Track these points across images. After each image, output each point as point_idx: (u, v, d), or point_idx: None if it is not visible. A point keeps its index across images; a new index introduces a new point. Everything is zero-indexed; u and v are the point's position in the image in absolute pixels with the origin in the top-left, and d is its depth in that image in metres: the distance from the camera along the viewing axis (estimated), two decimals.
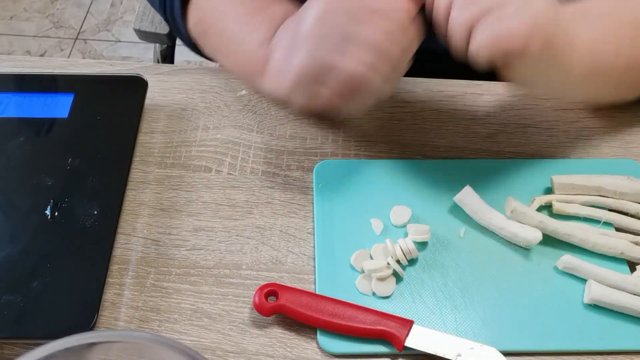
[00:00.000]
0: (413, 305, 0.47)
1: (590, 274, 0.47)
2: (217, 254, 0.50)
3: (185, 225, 0.51)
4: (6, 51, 1.82)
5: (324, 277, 0.48)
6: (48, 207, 0.50)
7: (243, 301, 0.47)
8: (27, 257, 0.47)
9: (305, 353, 0.45)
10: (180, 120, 0.58)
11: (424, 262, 0.49)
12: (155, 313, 0.46)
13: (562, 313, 0.46)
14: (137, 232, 0.51)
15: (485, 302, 0.47)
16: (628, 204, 0.51)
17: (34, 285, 0.45)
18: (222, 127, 0.58)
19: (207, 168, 0.55)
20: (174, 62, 1.00)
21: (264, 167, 0.55)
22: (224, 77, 0.61)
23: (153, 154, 0.55)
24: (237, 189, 0.53)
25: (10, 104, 0.56)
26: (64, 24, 1.91)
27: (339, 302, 0.45)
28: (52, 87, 0.58)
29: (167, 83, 0.61)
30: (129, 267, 0.49)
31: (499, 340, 0.45)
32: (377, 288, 0.47)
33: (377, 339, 0.45)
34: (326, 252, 0.49)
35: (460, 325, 0.46)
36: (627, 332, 0.45)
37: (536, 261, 0.49)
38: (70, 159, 0.53)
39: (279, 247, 0.50)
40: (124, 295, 0.47)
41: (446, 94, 0.60)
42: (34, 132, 0.55)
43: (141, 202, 0.52)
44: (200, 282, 0.48)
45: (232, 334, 0.46)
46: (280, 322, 0.46)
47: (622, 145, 0.57)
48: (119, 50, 1.84)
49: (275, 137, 0.57)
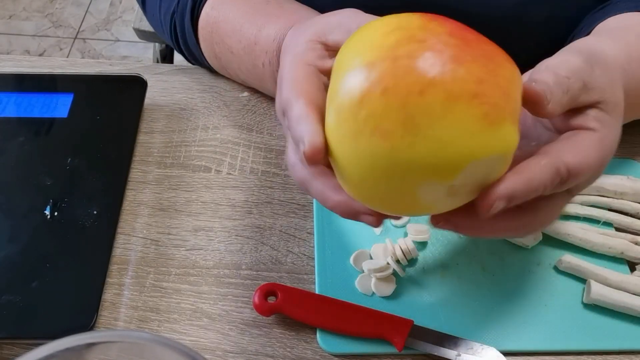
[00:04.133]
0: (413, 305, 0.47)
1: (590, 274, 0.47)
2: (217, 254, 0.49)
3: (185, 225, 0.51)
4: (5, 50, 1.82)
5: (324, 277, 0.48)
6: (47, 207, 0.49)
7: (243, 301, 0.47)
8: (27, 257, 0.47)
9: (305, 353, 0.45)
10: (179, 120, 0.58)
11: (424, 262, 0.49)
12: (155, 313, 0.46)
13: (562, 313, 0.46)
14: (137, 232, 0.50)
15: (485, 302, 0.47)
16: (628, 204, 0.51)
17: (34, 285, 0.45)
18: (221, 127, 0.58)
19: (207, 168, 0.55)
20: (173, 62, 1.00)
21: (263, 167, 0.55)
22: (224, 76, 0.61)
23: (152, 153, 0.55)
24: (237, 189, 0.53)
25: (9, 103, 0.56)
26: (63, 23, 1.91)
27: (339, 302, 0.45)
28: (52, 86, 0.58)
29: (167, 83, 0.61)
30: (129, 267, 0.49)
31: (499, 340, 0.45)
32: (377, 288, 0.47)
33: (377, 339, 0.44)
34: (326, 252, 0.49)
35: (460, 325, 0.45)
36: (627, 332, 0.45)
37: (536, 261, 0.49)
38: (69, 158, 0.53)
39: (278, 247, 0.50)
40: (123, 295, 0.47)
41: None
42: (33, 132, 0.55)
43: (141, 202, 0.52)
44: (199, 282, 0.48)
45: (231, 334, 0.46)
46: (280, 322, 0.46)
47: (622, 145, 0.57)
48: (118, 50, 1.84)
49: (275, 137, 0.57)
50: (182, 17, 0.57)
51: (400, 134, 0.30)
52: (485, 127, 0.30)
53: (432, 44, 0.30)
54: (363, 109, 0.30)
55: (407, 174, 0.31)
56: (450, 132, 0.30)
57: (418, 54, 0.30)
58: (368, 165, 0.31)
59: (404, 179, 0.31)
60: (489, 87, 0.30)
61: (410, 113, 0.30)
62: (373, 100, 0.30)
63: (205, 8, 0.56)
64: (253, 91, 0.60)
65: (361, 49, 0.32)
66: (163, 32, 0.62)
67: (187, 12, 0.56)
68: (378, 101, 0.30)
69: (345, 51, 0.34)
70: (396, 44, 0.31)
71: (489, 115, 0.30)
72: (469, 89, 0.30)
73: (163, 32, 0.62)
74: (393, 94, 0.30)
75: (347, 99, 0.31)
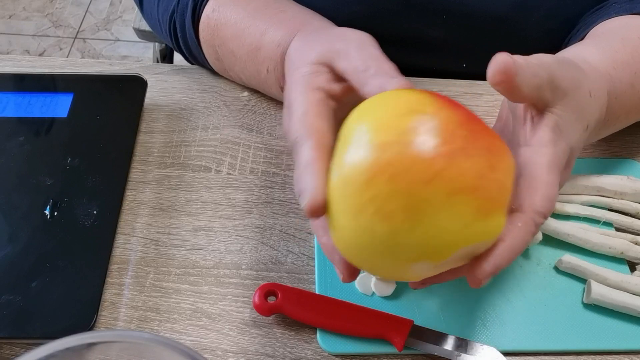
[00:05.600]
0: (413, 305, 0.46)
1: (590, 274, 0.47)
2: (217, 254, 0.49)
3: (185, 225, 0.51)
4: (5, 50, 1.82)
5: (323, 277, 0.48)
6: (47, 207, 0.49)
7: (243, 301, 0.47)
8: (26, 257, 0.47)
9: (305, 353, 0.45)
10: (179, 119, 0.58)
11: None
12: (155, 313, 0.46)
13: (562, 313, 0.46)
14: (137, 232, 0.50)
15: (485, 302, 0.47)
16: (628, 204, 0.51)
17: (33, 285, 0.45)
18: (221, 126, 0.58)
19: (207, 168, 0.55)
20: (173, 62, 1.00)
21: (263, 167, 0.55)
22: (224, 76, 0.61)
23: (152, 153, 0.55)
24: (237, 189, 0.53)
25: (9, 103, 0.56)
26: (63, 23, 1.91)
27: (339, 302, 0.45)
28: (52, 86, 0.58)
29: (167, 83, 0.61)
30: (129, 267, 0.49)
31: (499, 340, 0.45)
32: (377, 288, 0.47)
33: (377, 339, 0.44)
34: None
35: (460, 325, 0.45)
36: (627, 332, 0.46)
37: (536, 261, 0.49)
38: (69, 158, 0.53)
39: (278, 247, 0.50)
40: (123, 295, 0.47)
41: (446, 93, 0.60)
42: (33, 132, 0.55)
43: (140, 201, 0.52)
44: (199, 282, 0.48)
45: (231, 333, 0.46)
46: (280, 322, 0.46)
47: (622, 145, 0.57)
48: (118, 50, 1.84)
49: (275, 137, 0.57)
50: (183, 18, 0.57)
51: (401, 218, 0.31)
52: (479, 219, 0.32)
53: (442, 134, 0.32)
54: (369, 190, 0.32)
55: (401, 253, 0.33)
56: (447, 221, 0.32)
57: (428, 144, 0.32)
58: (364, 239, 0.33)
59: (397, 257, 0.33)
60: (488, 181, 0.32)
61: (413, 201, 0.31)
62: (380, 183, 0.31)
63: (206, 10, 0.55)
64: (253, 91, 0.60)
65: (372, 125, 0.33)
66: (161, 32, 0.62)
67: (187, 13, 0.56)
68: (384, 185, 0.31)
69: (356, 120, 0.35)
70: (408, 130, 0.32)
71: (484, 207, 0.32)
72: (470, 184, 0.32)
73: (161, 32, 0.62)
74: (400, 181, 0.31)
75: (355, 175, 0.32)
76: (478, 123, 0.34)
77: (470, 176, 0.32)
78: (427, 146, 0.31)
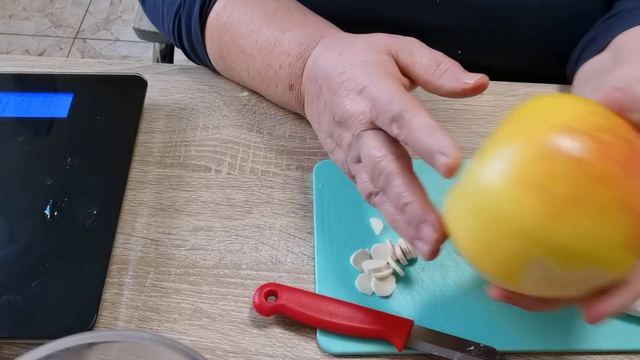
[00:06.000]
0: (413, 305, 0.46)
1: None
2: (217, 254, 0.49)
3: (185, 225, 0.51)
4: (5, 50, 1.82)
5: (323, 277, 0.48)
6: (47, 207, 0.49)
7: (243, 301, 0.47)
8: (26, 257, 0.47)
9: (305, 353, 0.45)
10: (179, 119, 0.58)
11: (423, 262, 0.49)
12: (155, 313, 0.46)
13: (562, 313, 0.46)
14: (137, 232, 0.50)
15: (485, 302, 0.47)
16: None
17: (33, 285, 0.45)
18: (221, 126, 0.58)
19: (207, 168, 0.55)
20: (173, 62, 1.00)
21: (263, 166, 0.55)
22: (224, 76, 0.61)
23: (152, 153, 0.55)
24: (237, 189, 0.53)
25: (9, 103, 0.56)
26: (63, 23, 1.91)
27: (339, 302, 0.45)
28: (51, 86, 0.58)
29: (167, 82, 0.61)
30: (129, 267, 0.49)
31: (499, 340, 0.45)
32: (377, 288, 0.47)
33: (377, 338, 0.44)
34: (326, 252, 0.49)
35: (460, 325, 0.45)
36: (627, 332, 0.45)
37: None
38: (69, 158, 0.53)
39: (278, 246, 0.50)
40: (123, 295, 0.47)
41: None
42: (33, 132, 0.55)
43: (140, 201, 0.52)
44: (199, 282, 0.48)
45: (231, 333, 0.46)
46: (280, 322, 0.46)
47: None
48: (118, 50, 1.84)
49: (275, 136, 0.57)
50: (190, 14, 0.57)
51: (559, 203, 0.30)
52: (627, 246, 0.31)
53: (628, 154, 0.32)
54: (541, 164, 0.31)
55: (531, 239, 0.31)
56: (600, 229, 0.31)
57: (615, 152, 0.31)
58: (508, 210, 0.32)
59: (525, 242, 0.32)
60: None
61: (580, 192, 0.30)
62: (558, 162, 0.31)
63: (216, 7, 0.55)
64: (253, 91, 0.60)
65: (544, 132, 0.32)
66: (162, 25, 0.61)
67: (195, 9, 0.56)
68: (560, 166, 0.31)
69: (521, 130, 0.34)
70: (600, 129, 0.32)
71: (633, 240, 0.31)
72: (638, 209, 0.31)
73: (162, 25, 0.61)
74: (576, 168, 0.31)
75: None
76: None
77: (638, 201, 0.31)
78: (613, 154, 0.31)
